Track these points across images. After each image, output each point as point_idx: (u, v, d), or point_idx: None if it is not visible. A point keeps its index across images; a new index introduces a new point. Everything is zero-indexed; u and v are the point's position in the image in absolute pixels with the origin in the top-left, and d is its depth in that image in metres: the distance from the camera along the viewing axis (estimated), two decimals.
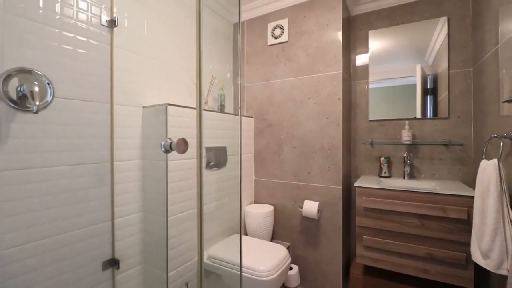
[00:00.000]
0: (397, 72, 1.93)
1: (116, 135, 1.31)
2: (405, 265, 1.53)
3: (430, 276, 1.47)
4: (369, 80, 2.03)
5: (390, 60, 1.94)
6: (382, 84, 1.98)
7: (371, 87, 2.01)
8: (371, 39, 2.01)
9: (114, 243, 1.29)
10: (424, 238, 1.47)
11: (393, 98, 1.95)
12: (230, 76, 2.27)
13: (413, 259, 1.51)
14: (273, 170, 2.09)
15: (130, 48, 1.39)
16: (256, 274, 1.35)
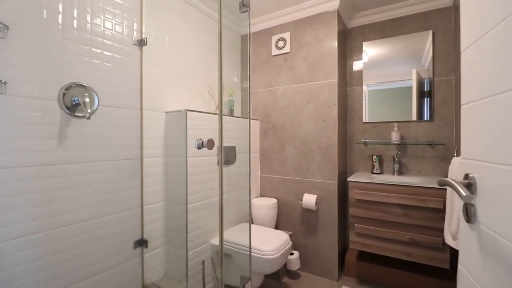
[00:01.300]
0: (393, 76, 2.13)
1: (144, 136, 1.57)
2: (391, 249, 1.76)
3: (413, 258, 1.70)
4: (363, 86, 2.26)
5: (386, 66, 2.16)
6: (379, 87, 2.20)
7: (369, 89, 2.24)
8: (366, 48, 2.24)
9: (143, 226, 1.54)
10: (407, 225, 1.69)
11: (387, 100, 2.17)
12: (238, 83, 2.52)
13: (398, 244, 1.73)
14: (276, 167, 2.33)
15: (155, 62, 1.65)
16: (262, 253, 1.59)
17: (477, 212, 0.60)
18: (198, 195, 1.67)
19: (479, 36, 0.60)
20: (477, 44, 0.61)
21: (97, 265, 1.33)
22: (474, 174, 0.61)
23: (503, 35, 0.50)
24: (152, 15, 1.64)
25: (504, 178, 0.50)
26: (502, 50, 0.51)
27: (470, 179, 0.62)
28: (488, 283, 0.56)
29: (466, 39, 0.68)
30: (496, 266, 0.53)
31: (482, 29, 0.59)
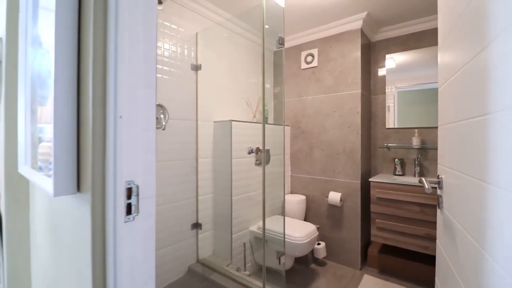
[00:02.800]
0: (422, 78, 2.28)
1: (199, 141, 1.98)
2: (409, 242, 1.97)
3: (428, 251, 1.90)
4: (392, 88, 2.47)
5: (414, 69, 2.32)
6: (408, 88, 2.37)
7: (398, 91, 2.43)
8: (392, 55, 2.44)
9: (198, 212, 1.95)
10: (423, 221, 1.90)
11: (417, 101, 2.33)
12: (271, 93, 2.86)
13: (415, 238, 1.94)
14: (305, 168, 2.63)
15: (206, 82, 2.06)
16: (292, 239, 1.91)
17: (443, 202, 0.87)
18: (239, 190, 2.04)
19: (447, 78, 0.87)
20: (447, 84, 0.88)
21: (165, 240, 1.75)
22: (442, 175, 0.88)
23: (460, 82, 0.78)
24: (205, 45, 2.04)
25: (457, 180, 0.77)
26: (459, 91, 0.79)
27: (439, 178, 0.89)
28: (449, 250, 0.83)
29: (442, 77, 0.94)
30: (451, 238, 0.80)
31: (449, 73, 0.86)
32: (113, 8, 0.57)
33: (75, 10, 0.62)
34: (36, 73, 0.93)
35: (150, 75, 0.63)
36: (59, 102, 0.59)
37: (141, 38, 0.60)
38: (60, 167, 0.59)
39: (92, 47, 0.57)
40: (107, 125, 0.57)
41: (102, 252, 0.58)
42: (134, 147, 0.59)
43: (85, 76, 0.60)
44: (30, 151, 0.93)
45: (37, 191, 1.03)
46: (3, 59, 1.16)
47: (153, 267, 0.63)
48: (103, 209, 0.58)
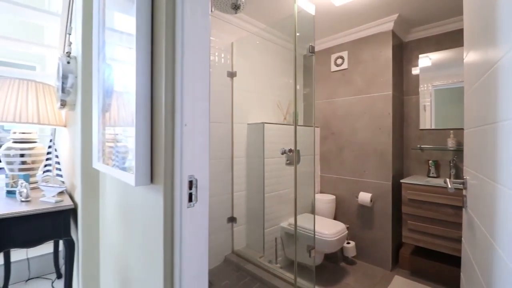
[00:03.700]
0: (461, 76, 2.25)
1: (234, 142, 2.15)
2: (442, 245, 1.95)
3: None
4: (419, 95, 2.44)
5: (453, 66, 2.27)
6: (446, 86, 2.31)
7: (435, 89, 2.37)
8: (424, 57, 2.40)
9: (233, 207, 2.12)
10: (457, 224, 1.87)
11: (455, 101, 2.28)
12: (301, 96, 2.95)
13: (448, 240, 1.92)
14: (335, 168, 2.69)
15: (241, 87, 2.22)
16: (322, 236, 2.00)
17: (467, 201, 0.92)
18: (270, 188, 2.18)
19: (471, 85, 0.92)
20: (470, 91, 0.93)
21: None
22: (467, 176, 0.93)
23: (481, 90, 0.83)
24: (239, 54, 2.21)
25: (477, 181, 0.83)
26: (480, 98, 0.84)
27: (464, 179, 0.94)
28: (471, 246, 0.88)
29: (467, 82, 0.99)
30: (473, 235, 0.86)
31: (472, 82, 0.91)
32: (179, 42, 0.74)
33: (149, 41, 0.80)
34: (106, 86, 1.15)
35: (205, 90, 0.79)
36: (139, 115, 0.77)
37: (199, 64, 0.77)
38: (140, 164, 0.77)
39: (164, 72, 0.74)
40: (175, 132, 0.74)
41: (171, 230, 0.75)
42: (194, 148, 0.76)
43: (158, 92, 0.77)
44: (102, 150, 1.16)
45: (107, 182, 1.25)
46: (79, 74, 1.42)
47: (207, 242, 0.79)
48: (172, 197, 0.75)
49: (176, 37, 0.75)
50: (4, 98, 1.53)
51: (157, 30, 0.78)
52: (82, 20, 1.35)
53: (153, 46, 0.80)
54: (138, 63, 0.77)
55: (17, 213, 1.24)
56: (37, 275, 1.95)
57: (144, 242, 0.86)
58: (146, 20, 0.79)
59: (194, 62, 0.76)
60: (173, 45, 0.75)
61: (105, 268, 1.29)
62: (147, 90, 0.79)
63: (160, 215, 0.75)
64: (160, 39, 0.76)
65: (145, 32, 0.78)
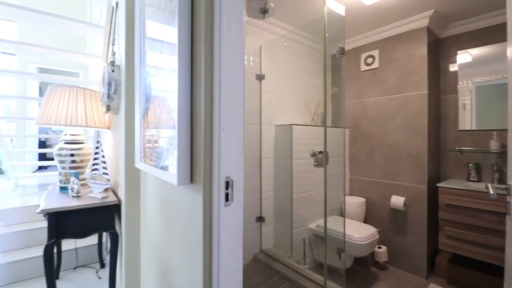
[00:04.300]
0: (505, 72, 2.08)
1: (262, 142, 2.19)
2: (482, 253, 1.83)
3: None
4: (458, 93, 2.30)
5: (493, 63, 2.11)
6: (488, 83, 2.14)
7: (476, 86, 2.22)
8: (464, 52, 2.26)
9: (261, 207, 2.16)
10: (501, 232, 1.74)
11: (498, 100, 2.13)
12: (329, 96, 2.92)
13: (490, 249, 1.79)
14: (365, 170, 2.62)
15: (269, 89, 2.26)
16: (352, 239, 1.97)
17: (510, 208, 0.87)
18: (298, 189, 2.19)
19: None
20: None
21: None
22: (510, 182, 0.88)
23: None
24: (267, 56, 2.25)
25: None
26: None
27: (508, 185, 0.89)
28: None
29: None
30: None
31: None
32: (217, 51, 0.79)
33: (189, 50, 0.86)
34: (146, 91, 1.24)
35: (240, 96, 0.84)
36: (181, 120, 0.83)
37: (235, 71, 0.81)
38: (181, 166, 0.83)
39: (204, 79, 0.80)
40: (213, 136, 0.80)
41: (209, 226, 0.80)
42: (230, 151, 0.80)
43: (197, 99, 0.83)
44: (143, 151, 1.25)
45: (147, 180, 1.36)
46: (123, 81, 1.55)
47: (241, 238, 0.84)
48: (210, 197, 0.80)
49: (214, 46, 0.80)
50: (57, 103, 1.71)
51: (196, 40, 0.84)
52: (125, 32, 1.47)
53: (192, 55, 0.86)
54: (180, 71, 0.84)
55: (70, 207, 1.39)
56: (83, 264, 2.15)
57: (183, 236, 0.93)
58: (186, 31, 0.85)
59: (231, 70, 0.81)
60: (211, 53, 0.80)
61: (145, 259, 1.39)
62: (188, 97, 0.85)
63: (199, 213, 0.81)
64: (199, 49, 0.82)
65: (185, 42, 0.85)
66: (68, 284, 1.90)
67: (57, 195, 1.60)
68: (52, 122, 1.66)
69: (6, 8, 2.12)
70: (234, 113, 0.81)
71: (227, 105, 0.80)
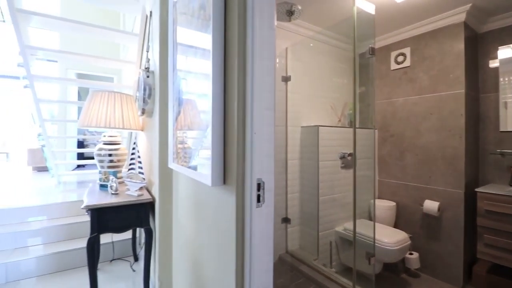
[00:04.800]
0: None
1: (288, 144, 2.20)
2: None
3: None
4: (499, 92, 2.14)
5: None
6: None
7: None
8: (506, 47, 2.10)
9: (287, 208, 2.17)
10: None
11: None
12: (357, 97, 2.85)
13: None
14: (395, 173, 2.53)
15: (295, 91, 2.26)
16: (382, 244, 1.91)
17: None
18: (324, 191, 2.16)
19: None
20: None
21: None
22: None
23: None
24: (293, 58, 2.25)
25: None
26: None
27: None
28: None
29: None
30: None
31: None
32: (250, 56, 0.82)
33: (222, 56, 0.90)
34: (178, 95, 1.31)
35: (272, 100, 0.86)
36: (215, 124, 0.87)
37: (267, 75, 0.84)
38: (215, 167, 0.87)
39: (237, 84, 0.83)
40: (246, 139, 0.83)
41: (242, 226, 0.83)
42: (262, 154, 0.83)
43: (230, 103, 0.87)
44: (176, 152, 1.32)
45: (179, 180, 1.42)
46: (157, 86, 1.64)
47: (272, 239, 0.86)
48: (243, 198, 0.83)
49: (246, 52, 0.83)
50: (97, 107, 1.84)
51: (229, 46, 0.88)
52: (159, 39, 1.55)
53: (225, 60, 0.90)
54: (214, 76, 0.88)
55: (110, 203, 1.50)
56: (119, 257, 2.29)
57: (214, 234, 0.97)
58: (220, 38, 0.89)
59: (263, 74, 0.83)
60: (244, 59, 0.83)
61: (177, 254, 1.46)
62: (221, 101, 0.89)
63: (232, 213, 0.84)
64: (232, 54, 0.86)
65: (219, 48, 0.89)
66: (106, 275, 2.04)
67: (97, 192, 1.73)
68: (93, 125, 1.79)
69: (50, 20, 2.33)
70: (265, 117, 0.84)
71: (259, 109, 0.82)
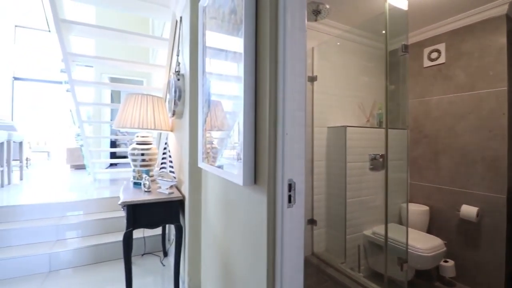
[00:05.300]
0: None
1: (314, 144, 2.17)
2: None
3: None
4: None
5: None
6: None
7: None
8: None
9: (313, 210, 2.15)
10: None
11: None
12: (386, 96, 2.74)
13: None
14: (428, 176, 2.40)
15: (321, 91, 2.23)
16: (415, 250, 1.83)
17: None
18: (352, 193, 2.11)
19: None
20: None
21: None
22: None
23: None
24: (320, 57, 2.23)
25: None
26: None
27: None
28: None
29: None
30: None
31: None
32: (281, 58, 0.83)
33: (254, 58, 0.92)
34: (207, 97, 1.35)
35: (302, 101, 0.86)
36: (246, 125, 0.89)
37: (298, 77, 0.84)
38: (247, 167, 0.89)
39: (268, 86, 0.84)
40: (277, 140, 0.84)
41: (273, 226, 0.84)
42: (293, 155, 0.83)
43: (261, 104, 0.88)
44: (205, 152, 1.36)
45: (208, 179, 1.46)
46: (187, 89, 1.70)
47: (303, 239, 0.86)
48: (274, 198, 0.84)
49: (278, 53, 0.84)
50: (131, 110, 1.94)
51: (260, 48, 0.89)
52: (190, 44, 1.61)
53: (256, 63, 0.92)
54: (245, 78, 0.90)
55: (144, 200, 1.58)
56: (149, 251, 2.40)
57: (244, 233, 0.99)
58: (251, 40, 0.91)
59: (294, 76, 0.84)
60: (275, 61, 0.85)
61: (206, 250, 1.51)
62: (252, 102, 0.91)
63: (263, 213, 0.85)
64: (263, 56, 0.87)
65: (250, 50, 0.91)
66: (138, 268, 2.15)
67: (131, 190, 1.83)
68: (128, 126, 1.90)
69: (88, 28, 2.49)
70: (297, 118, 0.84)
71: (291, 110, 0.83)
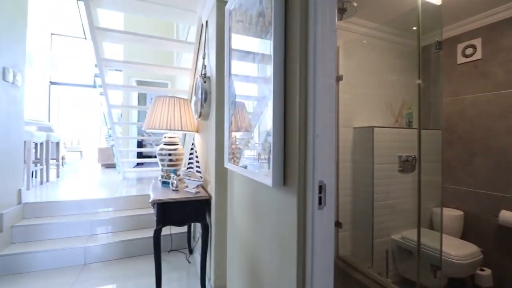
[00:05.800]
0: None
1: (339, 145, 2.13)
2: None
3: None
4: None
5: None
6: None
7: None
8: None
9: (338, 212, 2.11)
10: None
11: None
12: (419, 95, 2.63)
13: None
14: (463, 179, 2.27)
15: (346, 91, 2.18)
16: (448, 257, 1.74)
17: None
18: (379, 196, 2.04)
19: None
20: None
21: None
22: None
23: None
24: (346, 56, 2.18)
25: None
26: None
27: None
28: None
29: None
30: None
31: None
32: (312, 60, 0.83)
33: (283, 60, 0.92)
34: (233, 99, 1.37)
35: (333, 102, 0.86)
36: (276, 126, 0.90)
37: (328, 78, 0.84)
38: (276, 169, 0.90)
39: (298, 87, 0.85)
40: (307, 141, 0.83)
41: (303, 228, 0.84)
42: (324, 156, 0.83)
43: (291, 106, 0.88)
44: (231, 153, 1.38)
45: (234, 179, 1.49)
46: (213, 91, 1.74)
47: (333, 241, 0.85)
48: (304, 200, 0.84)
49: (308, 54, 0.84)
50: (160, 111, 2.02)
51: (290, 50, 0.90)
52: (216, 47, 1.64)
53: (285, 64, 0.92)
54: (275, 80, 0.90)
55: (172, 199, 1.64)
56: (175, 248, 2.48)
57: (273, 234, 1.00)
58: (280, 42, 0.91)
59: (324, 77, 0.83)
60: (305, 61, 0.85)
61: (231, 249, 1.53)
62: (281, 104, 0.91)
63: (293, 214, 0.85)
64: (293, 57, 0.87)
65: (280, 52, 0.91)
66: (164, 264, 2.22)
67: (160, 188, 1.90)
68: (156, 127, 1.98)
69: (119, 35, 2.63)
70: (327, 119, 0.84)
71: (322, 112, 0.82)
